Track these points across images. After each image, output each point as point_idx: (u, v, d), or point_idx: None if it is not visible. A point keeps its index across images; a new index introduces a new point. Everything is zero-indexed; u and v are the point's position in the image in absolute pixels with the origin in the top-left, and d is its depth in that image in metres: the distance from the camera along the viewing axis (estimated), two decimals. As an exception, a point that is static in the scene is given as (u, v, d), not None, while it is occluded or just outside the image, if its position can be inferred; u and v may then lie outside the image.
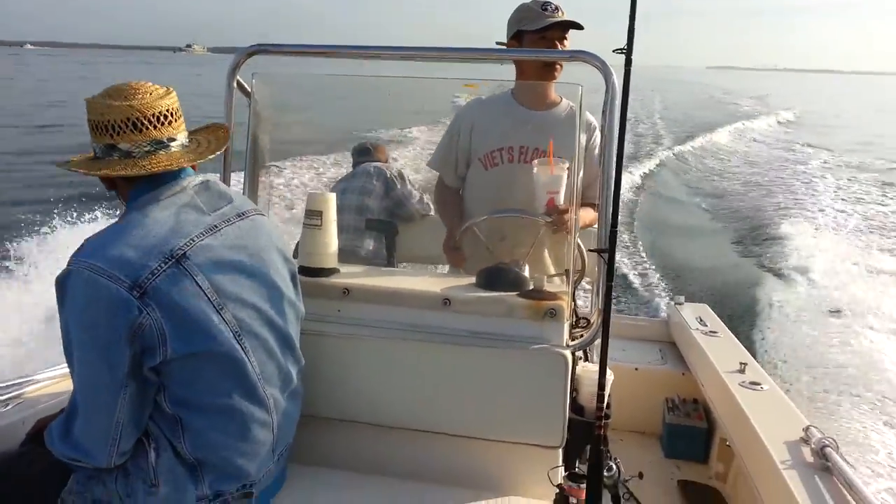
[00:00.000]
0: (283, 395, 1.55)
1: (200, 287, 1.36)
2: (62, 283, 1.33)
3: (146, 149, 1.42)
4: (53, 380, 2.06)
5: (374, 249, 3.22)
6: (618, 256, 1.78)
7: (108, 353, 1.31)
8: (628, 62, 1.46)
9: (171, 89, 1.48)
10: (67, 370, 2.01)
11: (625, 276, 7.03)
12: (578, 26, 2.20)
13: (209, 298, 1.37)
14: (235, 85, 1.98)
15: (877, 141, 23.16)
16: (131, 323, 1.29)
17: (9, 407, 1.90)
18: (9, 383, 1.98)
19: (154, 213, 1.40)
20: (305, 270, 1.88)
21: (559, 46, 2.20)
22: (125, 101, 1.40)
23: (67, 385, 1.99)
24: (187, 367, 1.37)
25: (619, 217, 1.56)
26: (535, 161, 2.07)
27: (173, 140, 1.45)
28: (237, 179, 2.01)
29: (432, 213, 3.29)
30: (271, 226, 1.63)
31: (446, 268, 2.55)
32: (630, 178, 12.53)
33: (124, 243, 1.33)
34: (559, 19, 2.19)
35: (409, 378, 1.77)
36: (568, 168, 2.00)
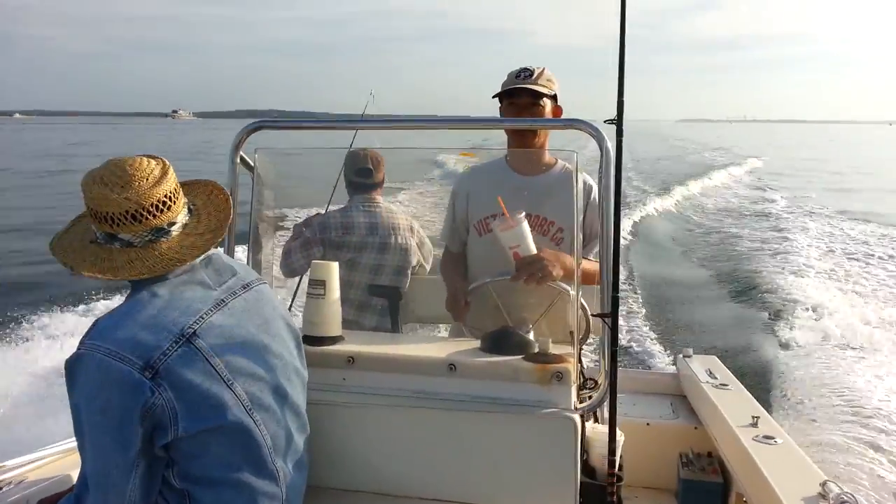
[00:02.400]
0: (291, 466, 1.54)
1: (211, 364, 1.37)
2: (73, 366, 1.33)
3: (147, 238, 1.42)
4: (53, 457, 2.02)
5: (382, 311, 3.15)
6: (621, 309, 1.81)
7: (120, 434, 1.30)
8: (619, 133, 1.53)
9: (166, 165, 1.47)
10: (66, 448, 1.97)
11: (630, 330, 7.02)
12: (535, 94, 2.21)
13: (220, 375, 1.37)
14: (238, 160, 2.01)
15: (837, 179, 23.94)
16: (143, 404, 1.29)
17: (11, 486, 1.86)
18: (6, 462, 1.94)
19: (162, 290, 1.40)
20: (310, 339, 1.88)
21: (534, 112, 2.22)
22: (122, 192, 1.38)
23: (68, 462, 1.95)
24: (197, 442, 1.36)
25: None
26: (494, 222, 2.11)
27: (173, 224, 1.45)
28: (241, 250, 2.02)
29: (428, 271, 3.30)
30: (273, 294, 1.64)
31: (449, 330, 2.55)
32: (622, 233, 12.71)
33: (134, 324, 1.33)
34: (517, 85, 2.23)
35: (416, 445, 1.76)
36: (559, 229, 2.03)
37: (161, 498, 1.40)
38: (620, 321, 7.05)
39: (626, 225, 13.69)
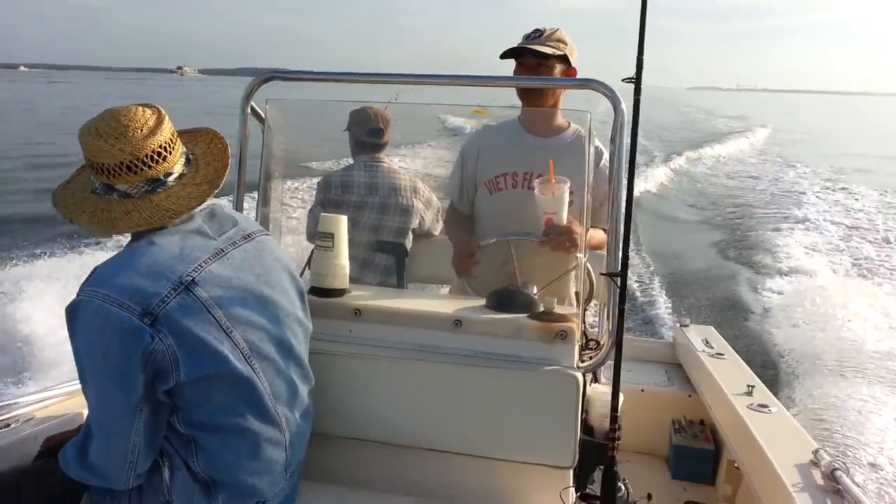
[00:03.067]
0: (294, 413, 1.57)
1: (210, 312, 1.38)
2: (73, 312, 1.34)
3: (144, 189, 1.42)
4: (61, 397, 2.06)
5: (385, 270, 3.17)
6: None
7: (122, 379, 1.32)
8: (637, 91, 1.51)
9: (162, 114, 1.46)
10: (75, 388, 2.01)
11: (631, 297, 7.06)
12: (541, 54, 2.18)
13: (219, 323, 1.39)
14: (249, 111, 1.99)
15: (844, 153, 23.72)
16: (144, 349, 1.31)
17: (19, 423, 1.90)
18: (17, 400, 1.98)
19: (161, 239, 1.41)
20: (317, 291, 1.90)
21: (540, 73, 2.20)
22: (116, 143, 1.38)
23: (76, 402, 2.00)
24: (199, 389, 1.39)
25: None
26: (537, 181, 2.10)
27: (170, 174, 1.44)
28: (250, 202, 2.02)
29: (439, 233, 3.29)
30: (277, 245, 1.65)
31: (450, 290, 2.56)
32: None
33: (134, 271, 1.34)
34: (522, 45, 2.21)
35: (420, 398, 1.79)
36: (572, 191, 2.03)
37: (166, 443, 1.43)
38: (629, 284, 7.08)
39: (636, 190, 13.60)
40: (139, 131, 1.39)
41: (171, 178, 1.44)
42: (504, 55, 2.24)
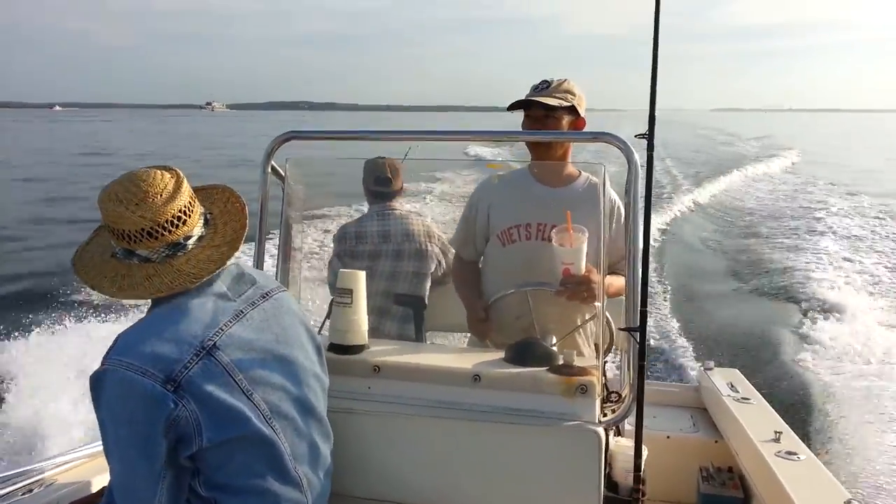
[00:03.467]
0: (315, 473, 1.56)
1: (231, 376, 1.39)
2: (97, 381, 1.36)
3: (164, 253, 1.44)
4: (82, 460, 2.06)
5: (402, 319, 3.18)
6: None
7: (146, 447, 1.33)
8: (650, 147, 1.52)
9: (181, 177, 1.47)
10: (95, 451, 2.02)
11: (654, 338, 6.90)
12: (548, 106, 2.20)
13: (239, 386, 1.40)
14: (270, 170, 2.04)
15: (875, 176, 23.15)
16: (167, 416, 1.32)
17: (42, 488, 1.90)
18: (39, 465, 1.98)
19: (183, 304, 1.42)
20: (335, 348, 1.91)
21: (547, 125, 2.22)
22: (137, 209, 1.40)
23: (96, 465, 2.01)
24: (221, 452, 1.39)
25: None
26: (554, 230, 2.10)
27: (189, 237, 1.46)
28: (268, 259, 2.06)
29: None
30: (294, 301, 1.66)
31: (468, 339, 2.56)
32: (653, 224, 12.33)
33: (156, 338, 1.36)
34: (529, 97, 2.24)
35: (440, 456, 1.77)
36: (588, 239, 2.03)
37: None
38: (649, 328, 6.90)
39: (655, 224, 13.35)
40: (159, 196, 1.41)
41: (190, 242, 1.46)
42: (511, 107, 2.27)
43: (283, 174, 2.07)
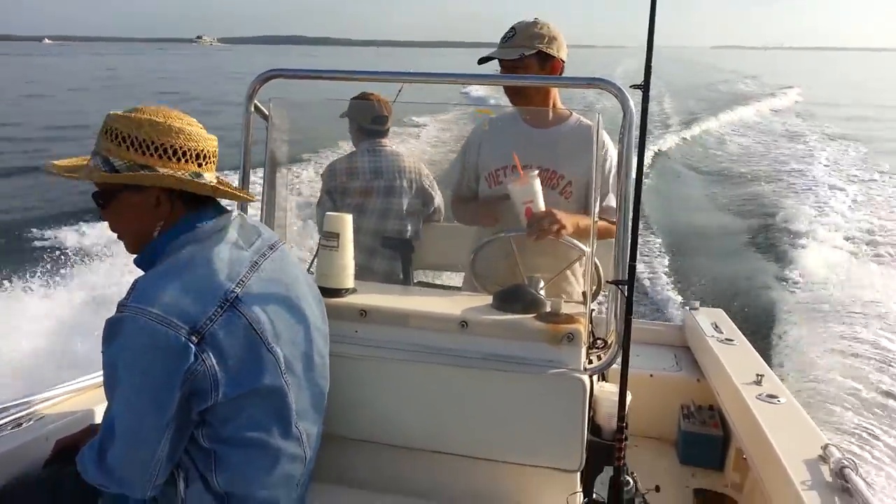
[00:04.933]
0: (314, 427, 1.58)
1: (254, 328, 1.37)
2: (115, 327, 1.31)
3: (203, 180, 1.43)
4: (70, 394, 2.07)
5: (391, 257, 3.17)
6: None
7: (158, 397, 1.30)
8: (646, 99, 1.47)
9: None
10: (84, 385, 2.03)
11: (637, 277, 6.86)
12: (505, 62, 2.20)
13: (261, 339, 1.39)
14: (253, 109, 1.98)
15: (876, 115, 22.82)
16: (187, 369, 1.29)
17: (31, 422, 1.92)
18: (24, 400, 1.99)
19: (203, 252, 1.39)
20: (323, 291, 1.88)
21: (517, 72, 2.22)
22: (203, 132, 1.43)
23: (86, 399, 2.02)
24: (233, 405, 1.38)
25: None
26: (507, 179, 2.11)
27: (211, 179, 1.46)
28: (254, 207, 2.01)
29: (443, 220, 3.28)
30: (291, 253, 1.64)
31: (464, 280, 2.56)
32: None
33: (179, 287, 1.32)
34: (491, 55, 2.24)
35: (427, 400, 1.79)
36: (567, 180, 2.01)
37: (185, 456, 1.41)
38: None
39: (646, 159, 13.24)
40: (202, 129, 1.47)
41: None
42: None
43: (266, 114, 2.01)
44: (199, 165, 1.43)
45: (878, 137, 18.01)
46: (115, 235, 1.50)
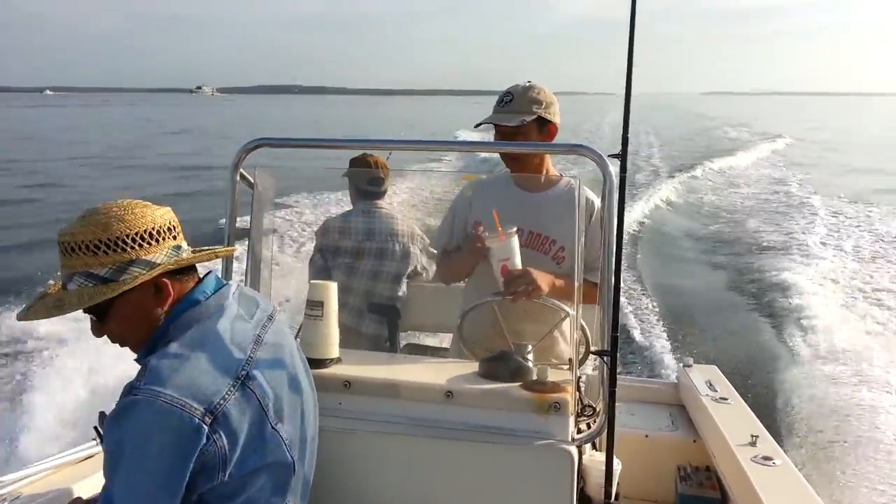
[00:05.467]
0: (303, 498, 1.54)
1: (262, 406, 1.35)
2: (127, 411, 1.26)
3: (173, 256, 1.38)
4: (48, 472, 2.00)
5: (379, 325, 3.16)
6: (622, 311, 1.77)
7: (170, 481, 1.25)
8: (623, 169, 1.49)
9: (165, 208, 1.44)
10: (62, 462, 1.97)
11: (629, 333, 6.86)
12: (504, 128, 2.20)
13: (267, 416, 1.36)
14: (238, 178, 1.99)
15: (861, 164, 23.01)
16: (199, 450, 1.26)
17: (6, 502, 1.86)
18: (3, 479, 1.92)
19: (208, 329, 1.36)
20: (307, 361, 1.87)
21: (516, 138, 2.22)
22: (138, 213, 1.35)
23: (63, 476, 1.96)
24: (236, 484, 1.34)
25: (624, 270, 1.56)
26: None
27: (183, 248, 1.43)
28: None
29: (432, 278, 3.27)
30: (284, 321, 1.62)
31: (451, 343, 2.53)
32: (630, 219, 12.28)
33: (192, 367, 1.29)
34: (492, 121, 2.24)
35: (411, 475, 1.75)
36: (561, 248, 2.06)
37: None
38: (628, 321, 6.90)
39: (637, 215, 13.27)
40: (147, 209, 1.40)
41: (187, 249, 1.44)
42: (477, 126, 2.28)
43: (252, 182, 2.02)
44: (174, 238, 1.41)
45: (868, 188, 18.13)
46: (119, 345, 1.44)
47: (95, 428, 1.43)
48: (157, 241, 1.37)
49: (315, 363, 1.86)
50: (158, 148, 31.46)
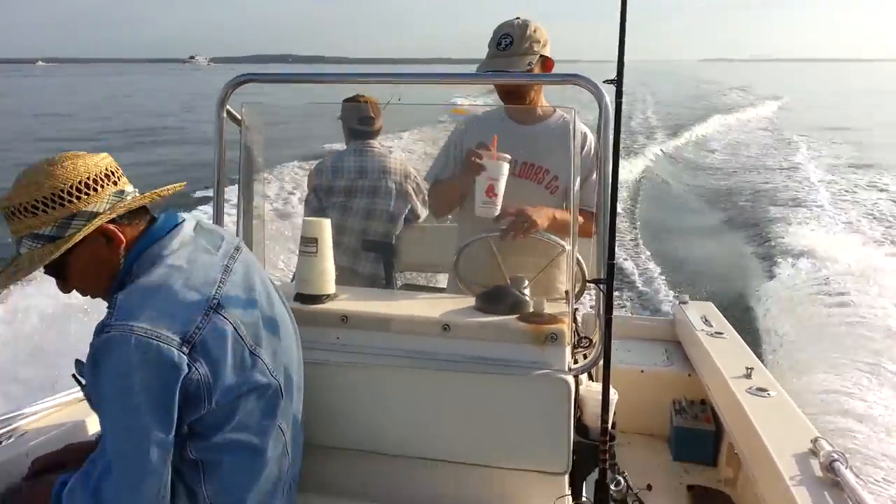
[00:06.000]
0: (294, 427, 1.55)
1: (238, 333, 1.36)
2: (103, 349, 1.25)
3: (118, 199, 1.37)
4: (49, 410, 2.02)
5: (376, 258, 3.16)
6: (619, 253, 1.77)
7: (162, 414, 1.25)
8: (619, 94, 1.46)
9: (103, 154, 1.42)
10: (63, 400, 1.99)
11: (627, 274, 6.95)
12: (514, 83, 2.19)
13: (245, 342, 1.37)
14: (225, 114, 1.95)
15: (854, 125, 23.06)
16: (182, 380, 1.26)
17: (11, 439, 1.87)
18: (3, 417, 1.94)
19: (174, 262, 1.35)
20: (302, 297, 1.87)
21: (519, 88, 2.21)
22: (69, 164, 1.33)
23: (65, 415, 1.98)
24: (223, 412, 1.35)
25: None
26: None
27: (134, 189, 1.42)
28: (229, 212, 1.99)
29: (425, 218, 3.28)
30: (251, 253, 1.62)
31: (448, 281, 2.54)
32: (627, 175, 12.45)
33: (162, 299, 1.29)
34: (490, 67, 2.20)
35: (410, 406, 1.77)
36: (554, 177, 2.10)
37: (172, 472, 1.33)
38: (621, 261, 7.07)
39: (636, 167, 13.41)
40: (80, 159, 1.37)
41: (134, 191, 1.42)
42: (480, 71, 2.22)
43: (239, 118, 1.99)
44: (115, 183, 1.38)
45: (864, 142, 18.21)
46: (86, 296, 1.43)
47: (74, 376, 1.42)
48: (96, 189, 1.35)
49: (311, 299, 1.87)
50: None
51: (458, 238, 2.39)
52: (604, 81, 1.53)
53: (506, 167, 2.05)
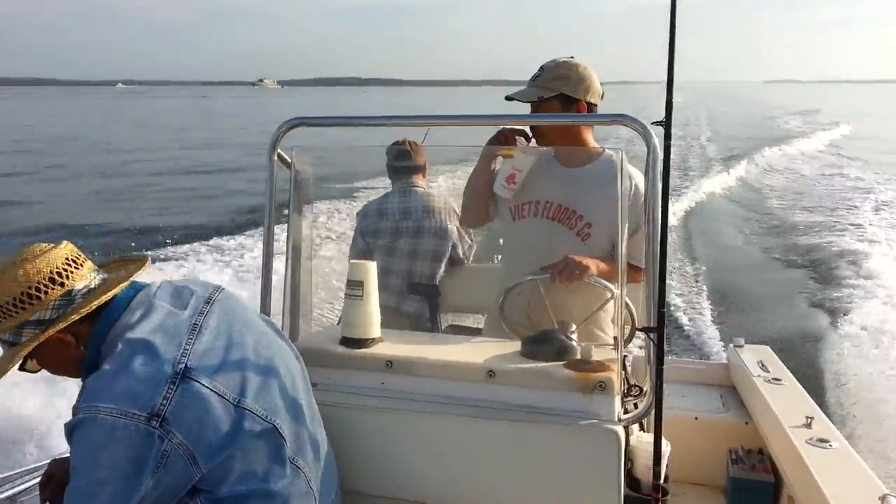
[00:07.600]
0: (317, 461, 1.53)
1: (215, 391, 1.35)
2: (74, 431, 1.30)
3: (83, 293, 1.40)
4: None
5: (421, 304, 3.16)
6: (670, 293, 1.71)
7: (123, 483, 1.27)
8: (668, 136, 1.43)
9: (62, 243, 1.45)
10: None
11: (677, 319, 6.72)
12: (533, 103, 2.20)
13: (225, 398, 1.36)
14: (276, 158, 2.00)
15: None
16: (155, 454, 1.28)
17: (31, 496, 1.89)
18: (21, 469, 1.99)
19: (139, 334, 1.37)
20: (348, 342, 1.87)
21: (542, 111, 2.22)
22: (24, 265, 1.36)
23: None
24: (219, 469, 1.35)
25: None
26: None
27: (88, 282, 1.43)
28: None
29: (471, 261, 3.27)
30: (235, 294, 1.61)
31: (485, 322, 2.51)
32: (680, 206, 12.17)
33: (126, 375, 1.31)
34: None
35: (454, 454, 1.73)
36: (587, 224, 2.12)
37: None
38: (675, 302, 6.82)
39: (690, 201, 13.03)
40: (37, 252, 1.40)
41: (98, 280, 1.45)
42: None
43: (289, 161, 2.03)
44: (62, 285, 1.39)
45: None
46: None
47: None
48: (39, 297, 1.38)
49: (356, 343, 1.87)
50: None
51: (501, 279, 2.36)
52: (652, 123, 1.50)
53: (531, 162, 2.16)
